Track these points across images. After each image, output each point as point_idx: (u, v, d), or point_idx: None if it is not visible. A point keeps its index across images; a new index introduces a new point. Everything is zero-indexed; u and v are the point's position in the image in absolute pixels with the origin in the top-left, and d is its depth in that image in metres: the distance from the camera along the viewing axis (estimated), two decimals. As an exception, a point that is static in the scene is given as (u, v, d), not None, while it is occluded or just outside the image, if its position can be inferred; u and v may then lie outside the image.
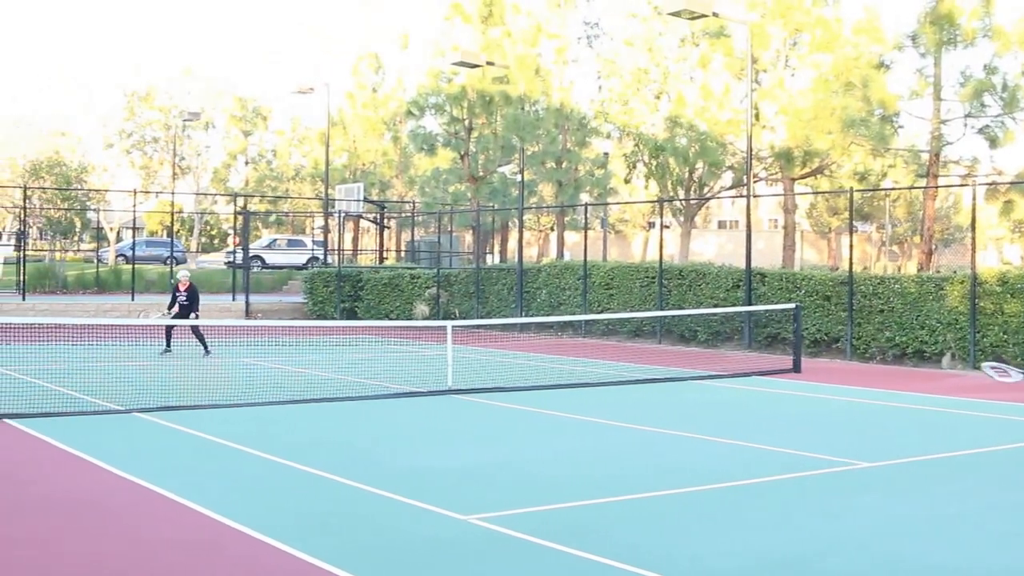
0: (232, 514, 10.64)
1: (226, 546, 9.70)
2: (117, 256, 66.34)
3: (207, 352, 28.50)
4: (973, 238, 29.10)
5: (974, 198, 28.95)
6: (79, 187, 69.83)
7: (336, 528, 10.35)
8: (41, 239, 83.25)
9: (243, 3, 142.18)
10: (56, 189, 67.81)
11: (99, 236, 71.21)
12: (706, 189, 49.82)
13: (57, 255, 68.16)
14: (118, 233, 76.50)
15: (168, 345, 29.22)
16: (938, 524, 10.85)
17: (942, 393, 22.32)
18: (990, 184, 33.26)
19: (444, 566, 9.15)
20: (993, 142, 32.68)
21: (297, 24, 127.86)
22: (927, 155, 34.23)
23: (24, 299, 41.19)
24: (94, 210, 72.51)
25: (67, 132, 76.18)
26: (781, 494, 12.21)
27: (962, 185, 36.96)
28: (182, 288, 29.52)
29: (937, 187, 35.59)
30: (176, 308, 29.37)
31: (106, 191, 72.92)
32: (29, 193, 59.23)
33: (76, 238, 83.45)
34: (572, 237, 69.58)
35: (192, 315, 29.12)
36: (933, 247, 37.05)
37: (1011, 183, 32.24)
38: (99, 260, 58.51)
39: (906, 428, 17.88)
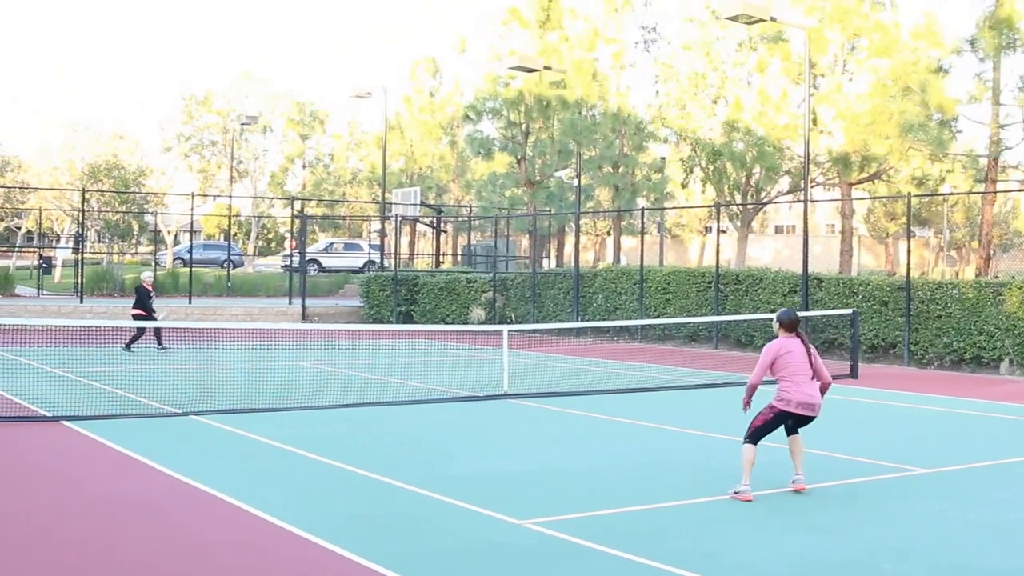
0: (286, 516, 10.72)
1: (279, 548, 9.75)
2: (174, 259, 66.76)
3: (128, 350, 29.39)
4: (1032, 243, 28.92)
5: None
6: (137, 190, 70.29)
7: (389, 531, 10.39)
8: (99, 242, 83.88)
9: (302, 7, 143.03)
10: (114, 192, 68.30)
11: (156, 239, 71.72)
12: (763, 194, 49.68)
13: (115, 258, 68.60)
14: (175, 236, 77.01)
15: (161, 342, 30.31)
16: (997, 531, 10.79)
17: (1000, 399, 22.20)
18: (1049, 189, 33.03)
19: (498, 571, 9.20)
20: (1053, 147, 32.49)
21: (356, 28, 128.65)
22: (985, 160, 34.05)
23: (82, 301, 41.54)
24: (151, 213, 72.98)
25: (125, 135, 76.65)
26: (837, 499, 12.17)
27: (1021, 190, 36.71)
28: (151, 288, 30.37)
29: (996, 192, 35.37)
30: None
31: (164, 194, 73.42)
32: (87, 196, 59.63)
33: (134, 241, 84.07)
34: (628, 242, 69.50)
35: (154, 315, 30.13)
36: (991, 252, 36.76)
37: (1071, 188, 31.99)
38: (156, 263, 58.92)
39: (964, 434, 17.79)
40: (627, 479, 13.18)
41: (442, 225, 61.31)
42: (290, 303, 43.86)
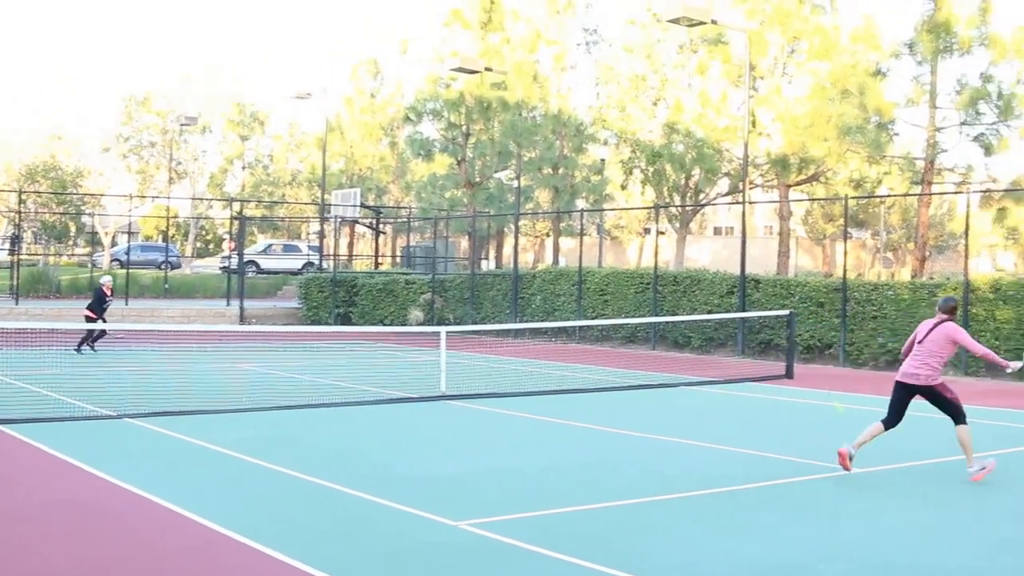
0: (223, 521, 10.64)
1: (218, 553, 9.71)
2: (112, 261, 66.25)
3: (80, 352, 29.37)
4: (966, 245, 29.22)
5: (968, 205, 29.08)
6: (74, 191, 69.76)
7: (326, 535, 10.35)
8: (36, 243, 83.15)
9: (242, 8, 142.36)
10: (51, 193, 67.78)
11: (94, 241, 71.16)
12: (702, 195, 49.91)
13: (51, 259, 68.05)
14: (113, 238, 76.44)
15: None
16: (932, 529, 10.92)
17: (935, 400, 22.29)
18: (984, 192, 33.38)
19: (434, 572, 9.17)
20: (988, 150, 32.77)
21: (296, 29, 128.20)
22: (922, 162, 34.31)
23: (17, 303, 41.16)
24: (89, 214, 72.41)
25: (63, 136, 76.05)
26: (774, 500, 12.24)
27: (956, 192, 37.07)
28: (110, 292, 30.28)
29: (931, 194, 35.67)
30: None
31: (101, 195, 72.88)
32: (24, 197, 59.15)
33: (71, 243, 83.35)
34: (568, 243, 69.56)
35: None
36: (927, 254, 37.08)
37: (1005, 191, 32.31)
38: (93, 265, 58.47)
39: (897, 434, 17.84)
40: (564, 480, 13.19)
41: (381, 226, 61.21)
42: (228, 305, 43.69)
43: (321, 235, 56.07)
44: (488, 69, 41.67)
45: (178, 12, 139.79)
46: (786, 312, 28.13)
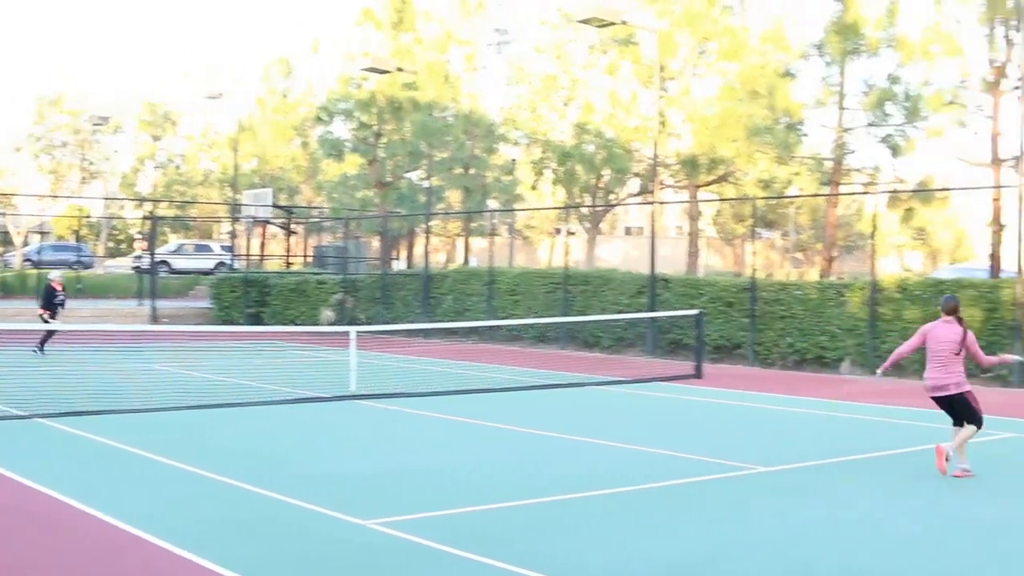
0: (134, 520, 10.57)
1: (126, 552, 9.65)
2: (24, 260, 65.55)
3: (41, 351, 29.33)
4: (873, 245, 29.59)
5: (875, 206, 29.48)
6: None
7: (237, 535, 10.33)
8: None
9: (155, 8, 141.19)
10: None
11: (5, 240, 70.31)
12: (612, 196, 50.16)
13: (-38, 259, 67.24)
14: (25, 237, 75.59)
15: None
16: (834, 527, 10.97)
17: (840, 398, 22.60)
18: (891, 192, 33.77)
19: (342, 572, 9.18)
20: (895, 151, 33.17)
21: (209, 29, 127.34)
22: (830, 163, 34.65)
23: (-73, 303, 40.63)
24: (1, 214, 71.58)
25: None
26: (680, 499, 12.29)
27: (864, 193, 37.52)
28: (60, 288, 29.91)
29: (839, 195, 36.06)
30: (62, 310, 29.82)
31: (13, 195, 72.06)
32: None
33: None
34: (479, 243, 69.53)
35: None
36: (835, 254, 37.47)
37: (912, 191, 32.74)
38: (5, 264, 57.78)
39: (804, 433, 18.13)
40: (473, 479, 13.21)
41: (293, 227, 60.92)
42: (140, 304, 43.48)
43: (233, 235, 55.71)
44: (399, 69, 41.61)
45: (90, 11, 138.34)
46: (695, 312, 28.26)
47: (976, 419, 13.64)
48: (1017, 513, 11.99)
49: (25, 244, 73.92)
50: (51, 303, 30.22)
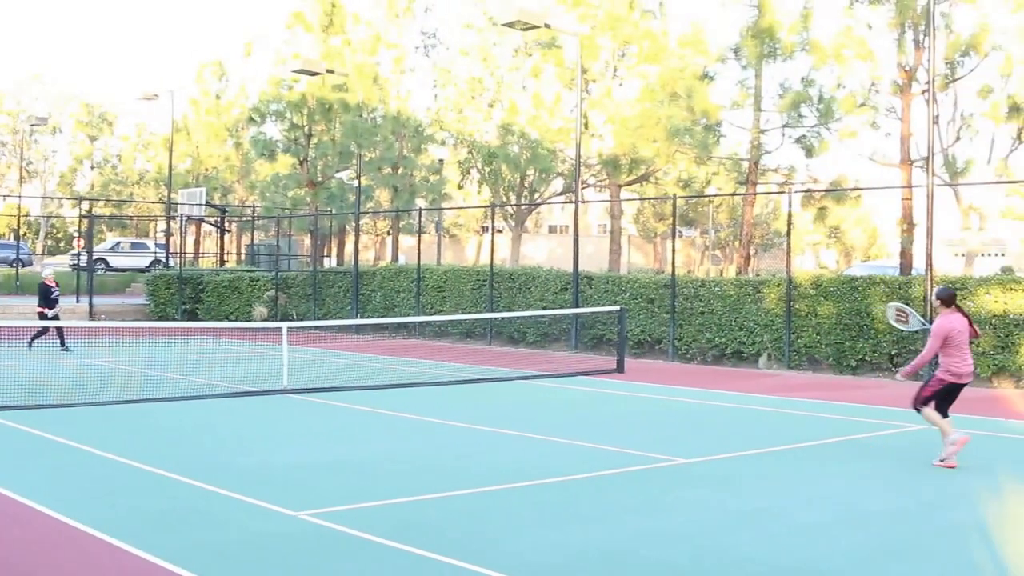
0: (69, 512, 10.80)
1: (62, 544, 9.82)
2: (-36, 259, 65.40)
3: (31, 347, 29.59)
4: (788, 243, 30.24)
5: (790, 205, 30.19)
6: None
7: (170, 525, 10.50)
8: None
9: (92, 10, 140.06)
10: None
11: (-55, 239, 70.13)
12: (537, 195, 50.82)
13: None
14: (-36, 237, 75.32)
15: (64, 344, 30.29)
16: (750, 518, 11.24)
17: (758, 392, 23.19)
18: (806, 191, 34.41)
19: (273, 562, 9.34)
20: (809, 151, 33.72)
21: (144, 31, 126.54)
22: (747, 163, 35.26)
23: None
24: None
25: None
26: (602, 490, 12.58)
27: (779, 192, 38.28)
28: (54, 284, 30.33)
29: (756, 194, 36.72)
30: (59, 306, 30.32)
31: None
32: None
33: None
34: (408, 241, 70.06)
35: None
36: (752, 251, 38.25)
37: (825, 190, 33.41)
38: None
39: (723, 426, 18.46)
40: (402, 471, 13.47)
41: (226, 225, 61.09)
42: (77, 301, 44.00)
43: (168, 233, 55.80)
44: (330, 71, 42.02)
45: (28, 11, 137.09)
46: (617, 308, 28.78)
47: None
48: (912, 504, 12.47)
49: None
50: (48, 300, 30.60)
